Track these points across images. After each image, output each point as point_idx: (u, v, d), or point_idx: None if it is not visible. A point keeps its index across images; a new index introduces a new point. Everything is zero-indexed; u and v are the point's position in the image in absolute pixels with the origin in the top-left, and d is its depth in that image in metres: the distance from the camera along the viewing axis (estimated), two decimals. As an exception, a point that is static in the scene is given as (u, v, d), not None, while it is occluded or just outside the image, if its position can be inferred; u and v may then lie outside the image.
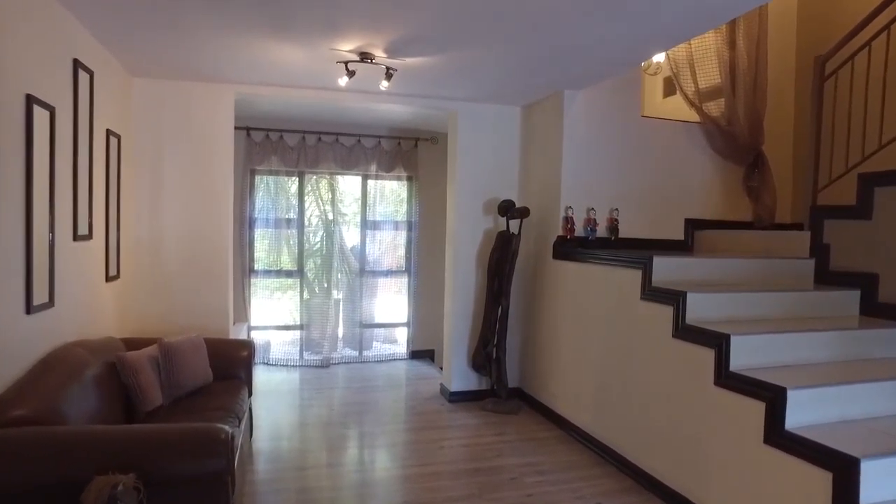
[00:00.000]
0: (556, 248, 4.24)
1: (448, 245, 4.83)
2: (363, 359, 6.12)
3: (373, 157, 5.97)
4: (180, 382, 3.10)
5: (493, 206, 4.68)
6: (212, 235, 4.13)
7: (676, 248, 4.52)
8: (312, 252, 6.15)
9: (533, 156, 4.67)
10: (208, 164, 4.12)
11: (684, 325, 2.90)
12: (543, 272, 4.44)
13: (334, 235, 6.00)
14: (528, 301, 4.68)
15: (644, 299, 3.21)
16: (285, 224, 5.89)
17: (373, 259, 6.21)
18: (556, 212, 4.25)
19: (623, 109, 4.37)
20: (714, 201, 4.67)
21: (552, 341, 4.29)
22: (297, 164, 5.77)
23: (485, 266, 4.67)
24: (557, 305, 4.23)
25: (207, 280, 4.12)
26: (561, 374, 4.15)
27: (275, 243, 5.90)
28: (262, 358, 5.88)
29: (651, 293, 3.16)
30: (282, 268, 5.97)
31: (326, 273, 6.06)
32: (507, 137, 4.73)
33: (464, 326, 4.73)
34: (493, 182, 4.71)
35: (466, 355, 4.74)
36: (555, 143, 4.29)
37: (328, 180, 6.00)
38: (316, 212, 6.14)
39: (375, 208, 6.17)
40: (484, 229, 4.71)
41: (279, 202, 5.88)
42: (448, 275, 4.83)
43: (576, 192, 4.24)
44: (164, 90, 4.01)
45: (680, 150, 4.55)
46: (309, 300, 6.04)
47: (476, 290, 4.72)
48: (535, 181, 4.63)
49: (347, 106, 5.00)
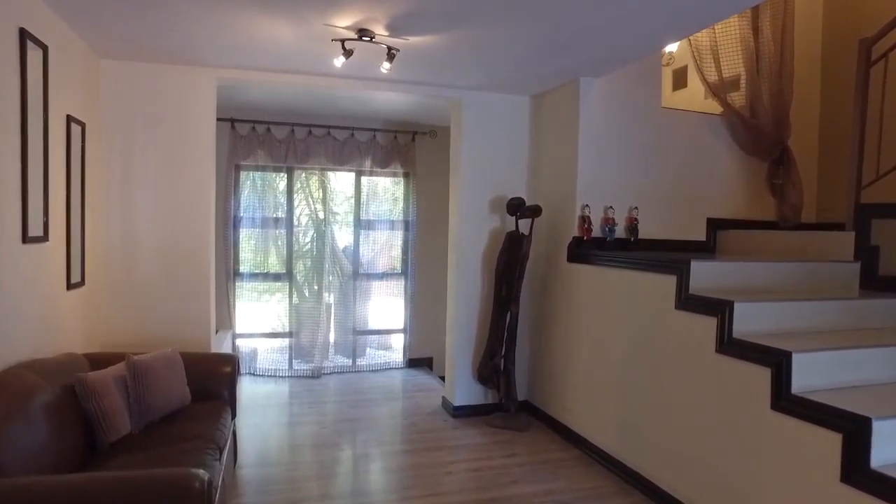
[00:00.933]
0: (572, 250, 3.87)
1: (451, 246, 4.45)
2: (357, 368, 5.72)
3: (367, 152, 5.57)
4: (152, 406, 2.69)
5: (501, 205, 4.31)
6: (192, 236, 3.71)
7: (698, 249, 4.18)
8: (302, 253, 5.74)
9: (544, 150, 4.30)
10: (187, 158, 3.70)
11: (731, 338, 2.54)
12: (556, 276, 4.07)
13: (325, 236, 5.60)
14: (537, 307, 4.31)
15: (680, 309, 2.86)
16: (273, 223, 5.47)
17: (367, 261, 5.81)
18: (571, 210, 3.89)
19: (642, 100, 4.01)
20: (736, 200, 4.34)
21: (566, 352, 3.92)
22: (285, 158, 5.35)
23: (491, 269, 4.29)
24: (572, 313, 3.86)
25: (187, 286, 3.70)
26: (577, 388, 3.79)
27: (261, 244, 5.48)
28: (248, 368, 5.46)
29: (689, 302, 2.80)
30: (269, 270, 5.55)
31: (317, 276, 5.66)
32: (515, 130, 4.36)
33: (468, 335, 4.35)
34: (500, 178, 4.34)
35: (471, 366, 4.36)
36: (570, 136, 3.92)
37: (319, 176, 5.59)
38: (306, 210, 5.73)
39: (370, 207, 5.77)
40: (490, 229, 4.33)
41: (266, 200, 5.46)
42: (451, 279, 4.45)
43: (593, 189, 3.88)
44: (136, 74, 3.57)
45: (702, 144, 4.21)
46: (298, 305, 5.63)
47: (482, 296, 4.34)
48: (547, 177, 4.26)
49: (341, 95, 4.60)
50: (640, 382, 3.15)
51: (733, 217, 4.32)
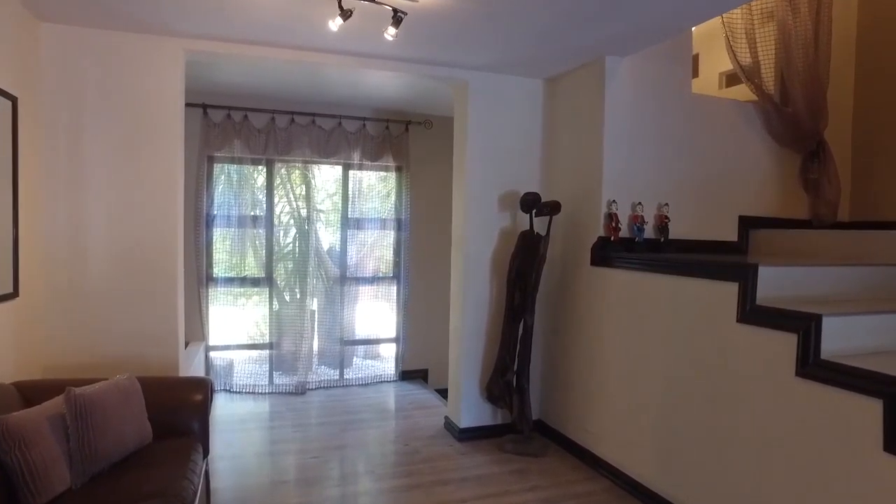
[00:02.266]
0: (596, 252, 3.41)
1: (455, 248, 3.96)
2: (345, 382, 5.18)
3: (356, 143, 5.04)
4: (100, 451, 2.14)
5: (512, 201, 3.83)
6: (155, 237, 3.14)
7: (730, 251, 3.76)
8: (283, 255, 5.19)
9: (560, 139, 3.83)
10: (150, 146, 3.13)
11: (818, 360, 2.10)
12: (576, 282, 3.61)
13: (309, 236, 5.05)
14: (553, 316, 3.84)
15: (745, 322, 2.41)
16: (251, 222, 4.91)
17: (355, 263, 5.28)
18: (595, 207, 3.43)
19: (671, 84, 3.57)
20: (768, 196, 3.93)
21: (588, 368, 3.46)
22: (264, 150, 4.79)
23: (502, 274, 3.81)
24: (596, 324, 3.40)
25: (149, 296, 3.13)
26: (602, 409, 3.33)
27: (238, 245, 4.91)
28: (224, 384, 4.88)
29: (757, 314, 2.35)
30: (246, 274, 4.98)
31: (300, 280, 5.11)
32: (527, 117, 3.88)
33: (475, 348, 3.86)
34: (510, 172, 3.85)
35: (479, 384, 3.87)
36: (593, 123, 3.46)
37: (302, 170, 5.04)
38: (287, 208, 5.18)
39: (358, 204, 5.24)
40: (500, 229, 3.85)
41: (243, 196, 4.89)
42: (455, 284, 3.95)
43: (620, 183, 3.42)
44: (85, 42, 2.99)
45: (733, 134, 3.79)
46: (279, 312, 5.07)
47: (490, 304, 3.85)
48: (564, 170, 3.79)
49: (329, 78, 4.07)
50: (688, 407, 2.70)
51: (766, 215, 3.91)
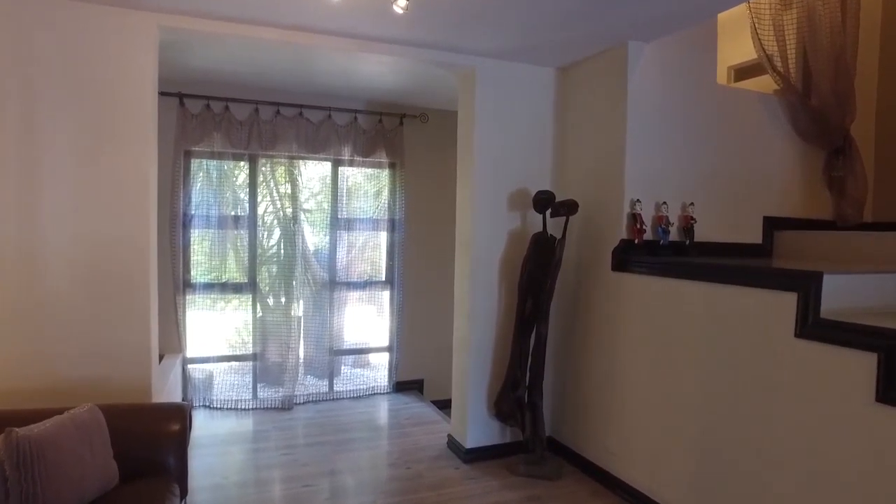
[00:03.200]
0: (618, 256, 3.11)
1: (460, 252, 3.62)
2: (335, 394, 4.82)
3: (347, 138, 4.68)
4: (51, 502, 1.76)
5: (522, 200, 3.51)
6: (125, 241, 2.74)
7: (754, 254, 3.50)
8: (267, 258, 4.80)
9: (574, 133, 3.53)
10: (118, 136, 2.73)
11: (903, 385, 1.82)
12: (595, 288, 3.30)
13: (296, 237, 4.67)
14: (567, 326, 3.53)
15: (805, 338, 2.12)
16: (232, 223, 4.51)
17: (345, 267, 4.91)
18: (617, 207, 3.13)
19: (696, 73, 3.29)
20: (792, 195, 3.68)
21: (609, 383, 3.16)
22: (247, 144, 4.40)
23: (511, 280, 3.49)
24: (618, 334, 3.10)
25: (118, 308, 2.73)
26: (626, 428, 3.03)
27: (218, 248, 4.51)
28: (203, 399, 4.48)
29: (823, 329, 2.07)
30: (228, 279, 4.58)
31: (285, 285, 4.73)
32: (538, 108, 3.57)
33: (482, 361, 3.53)
34: (520, 168, 3.54)
35: (486, 399, 3.54)
36: (614, 115, 3.16)
37: (288, 166, 4.66)
38: (272, 207, 4.78)
39: (349, 203, 4.87)
40: (509, 231, 3.53)
41: (223, 194, 4.49)
42: (460, 291, 3.62)
43: (644, 181, 3.13)
44: (40, 13, 2.59)
45: (756, 128, 3.52)
46: (263, 319, 4.69)
47: (500, 312, 3.53)
48: (579, 167, 3.49)
49: (319, 65, 3.70)
50: (732, 430, 2.41)
51: (790, 215, 3.66)
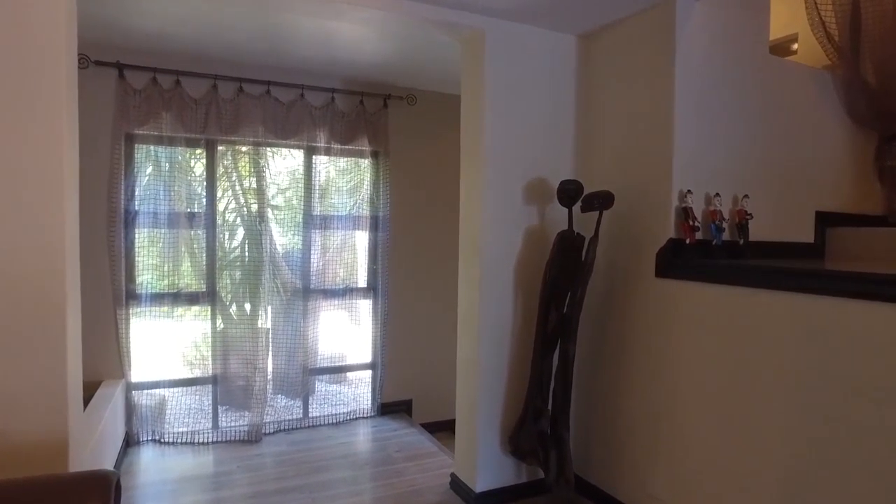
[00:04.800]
0: (666, 259, 2.57)
1: (465, 256, 3.03)
2: (310, 420, 4.16)
3: (322, 121, 4.02)
4: None
5: (540, 192, 2.94)
6: (28, 248, 2.02)
7: (805, 253, 3.02)
8: (229, 262, 4.11)
9: (601, 113, 2.97)
10: (14, 114, 2.00)
11: None
12: (632, 298, 2.75)
13: (262, 238, 4.00)
14: (595, 343, 2.98)
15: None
16: (186, 221, 3.80)
17: (320, 272, 4.25)
18: (663, 200, 2.59)
19: (748, 41, 2.78)
20: (843, 186, 3.22)
21: (653, 412, 2.61)
22: (203, 127, 3.70)
23: (530, 288, 2.92)
24: (665, 354, 2.56)
25: (18, 338, 2.01)
26: (678, 469, 2.49)
27: (170, 251, 3.79)
28: (152, 432, 3.76)
29: None
30: (181, 288, 3.87)
31: (251, 293, 4.05)
32: (557, 82, 3.00)
33: (495, 386, 2.94)
34: (538, 154, 2.96)
35: (500, 432, 2.96)
36: (658, 90, 2.61)
37: (253, 155, 3.98)
38: (234, 202, 4.10)
39: (325, 197, 4.21)
40: (525, 228, 2.95)
41: (176, 187, 3.78)
42: (466, 302, 3.02)
43: (694, 168, 2.59)
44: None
45: (810, 109, 3.05)
46: (225, 333, 4.00)
47: (515, 328, 2.95)
48: (609, 152, 2.93)
49: (290, 33, 3.05)
50: (837, 484, 1.89)
51: (842, 210, 3.20)
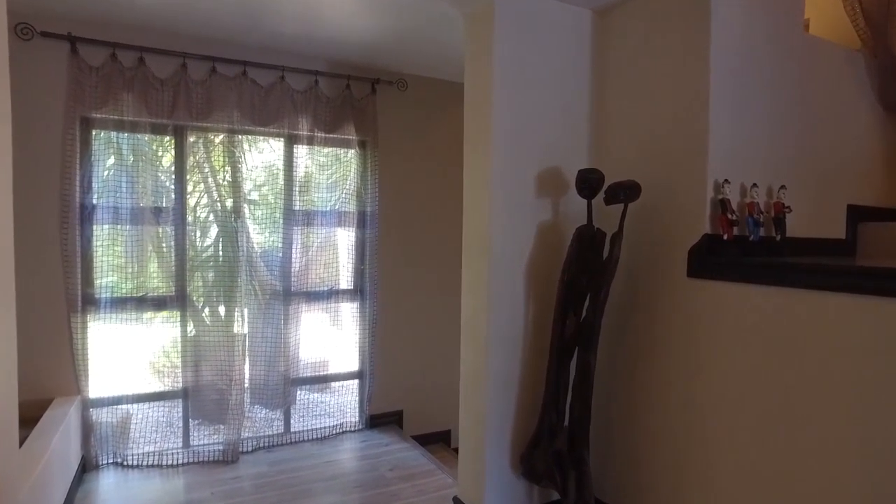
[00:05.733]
0: (700, 257, 2.29)
1: (470, 255, 2.71)
2: (292, 436, 3.80)
3: (305, 107, 3.66)
4: None
5: (553, 183, 2.65)
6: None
7: (835, 250, 2.79)
8: (201, 262, 3.73)
9: (620, 95, 2.68)
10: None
11: None
12: (659, 301, 2.47)
13: (238, 235, 3.63)
14: (614, 352, 2.69)
15: None
16: (152, 217, 3.41)
17: (302, 272, 3.89)
18: (694, 191, 2.31)
19: (784, 14, 2.52)
20: (874, 178, 3.00)
21: (684, 431, 2.33)
22: (171, 111, 3.31)
23: (543, 291, 2.61)
24: (701, 367, 2.28)
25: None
26: (715, 496, 2.21)
27: (134, 250, 3.39)
28: (114, 454, 3.35)
29: None
30: (147, 292, 3.47)
31: (225, 296, 3.68)
32: (571, 61, 2.70)
33: (505, 400, 2.63)
34: (550, 140, 2.66)
35: (510, 452, 2.65)
36: (690, 69, 2.33)
37: (227, 143, 3.59)
38: (207, 197, 3.71)
39: (308, 191, 3.85)
40: (538, 224, 2.64)
41: (140, 179, 3.38)
42: (471, 309, 2.70)
43: (731, 156, 2.32)
44: None
45: (843, 93, 2.81)
46: (197, 340, 3.62)
47: (527, 336, 2.64)
48: (627, 138, 2.65)
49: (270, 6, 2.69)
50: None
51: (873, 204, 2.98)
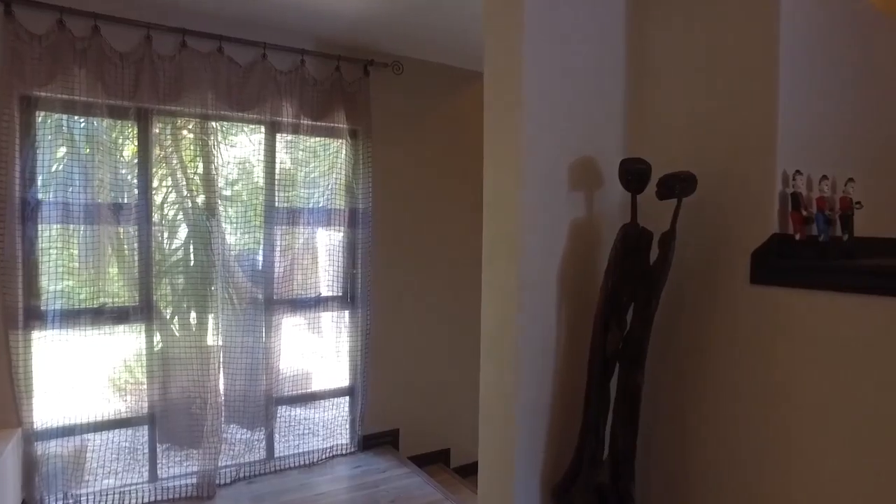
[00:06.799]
0: (767, 261, 1.97)
1: (494, 259, 2.33)
2: (277, 463, 3.36)
3: (290, 90, 3.23)
4: None
5: (587, 175, 2.30)
6: None
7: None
8: (170, 267, 3.28)
9: (664, 66, 2.35)
10: None
11: None
12: (716, 311, 2.13)
13: (211, 237, 3.19)
14: (662, 370, 2.35)
15: None
16: (110, 215, 2.93)
17: (284, 278, 3.47)
18: (763, 184, 1.98)
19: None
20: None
21: (754, 463, 2.01)
22: (132, 92, 2.85)
23: (579, 300, 2.26)
24: (771, 387, 1.97)
25: None
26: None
27: (89, 254, 2.92)
28: (64, 495, 2.86)
29: None
30: (105, 302, 3.00)
31: (197, 304, 3.24)
32: (602, 28, 2.36)
33: (535, 427, 2.26)
34: (582, 124, 2.31)
35: (540, 484, 2.29)
36: (756, 35, 2.01)
37: (199, 132, 3.14)
38: (176, 193, 3.26)
39: (292, 186, 3.43)
40: (571, 221, 2.29)
41: (95, 170, 2.90)
42: (496, 317, 2.32)
43: (803, 143, 2.02)
44: None
45: None
46: (165, 354, 3.17)
47: (560, 348, 2.28)
48: (670, 122, 2.31)
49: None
50: None
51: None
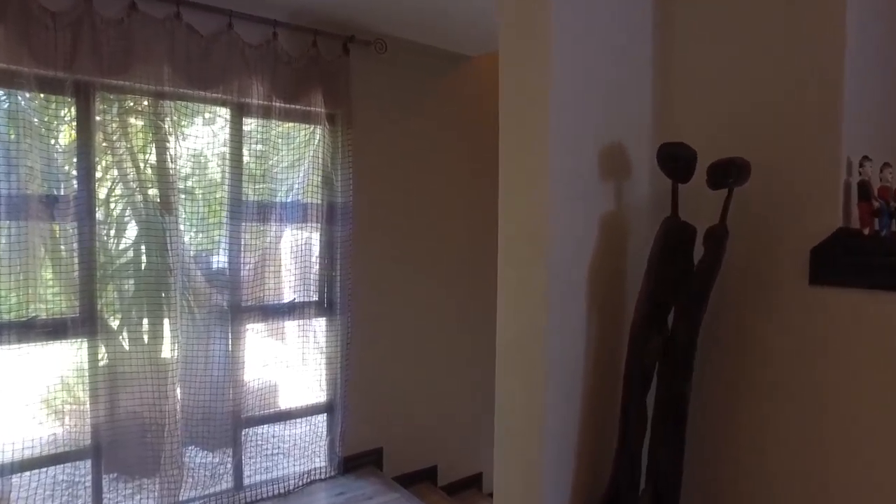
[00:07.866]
0: (830, 259, 1.74)
1: (516, 255, 2.01)
2: (247, 493, 2.96)
3: (259, 67, 2.83)
4: None
5: (615, 163, 2.02)
6: None
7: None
8: (116, 270, 2.83)
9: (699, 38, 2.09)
10: None
11: None
12: (770, 315, 1.88)
13: (166, 235, 2.76)
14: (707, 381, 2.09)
15: None
16: (43, 210, 2.46)
17: (253, 282, 3.07)
18: (822, 171, 1.76)
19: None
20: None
21: (821, 491, 1.78)
22: (69, 61, 2.39)
23: (611, 304, 1.98)
24: (835, 398, 1.74)
25: None
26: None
27: (15, 254, 2.44)
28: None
29: None
30: (37, 314, 2.52)
31: (150, 312, 2.82)
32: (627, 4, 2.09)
33: (563, 444, 1.97)
34: (609, 108, 2.03)
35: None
36: (816, 5, 1.78)
37: (151, 112, 2.70)
38: (123, 185, 2.80)
39: (261, 177, 3.02)
40: (600, 216, 2.01)
41: (24, 157, 2.42)
42: (517, 325, 2.01)
43: (870, 128, 1.81)
44: None
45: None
46: (112, 370, 2.73)
47: (590, 360, 1.99)
48: (708, 104, 2.06)
49: None
50: None
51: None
